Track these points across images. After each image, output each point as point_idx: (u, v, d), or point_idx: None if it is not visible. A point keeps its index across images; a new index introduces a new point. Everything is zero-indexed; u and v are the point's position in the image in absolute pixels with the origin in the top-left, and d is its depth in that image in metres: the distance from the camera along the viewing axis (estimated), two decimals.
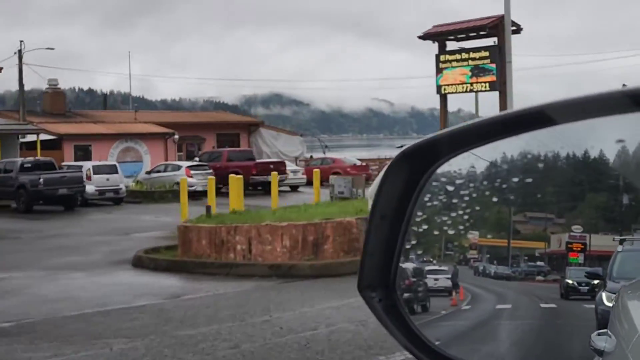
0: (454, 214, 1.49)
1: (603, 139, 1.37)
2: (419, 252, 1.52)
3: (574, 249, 1.46)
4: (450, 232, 1.50)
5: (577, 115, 1.31)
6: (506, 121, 1.41)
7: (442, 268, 1.52)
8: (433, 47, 33.52)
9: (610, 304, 1.40)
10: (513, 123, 1.39)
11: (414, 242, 1.50)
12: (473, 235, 1.46)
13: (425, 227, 1.51)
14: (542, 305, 1.48)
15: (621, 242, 1.38)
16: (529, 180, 1.44)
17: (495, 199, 1.48)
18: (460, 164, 1.48)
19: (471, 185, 1.49)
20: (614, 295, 1.40)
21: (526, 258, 1.49)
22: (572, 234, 1.45)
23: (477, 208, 1.49)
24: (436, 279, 1.52)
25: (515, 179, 1.45)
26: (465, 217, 1.48)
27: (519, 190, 1.47)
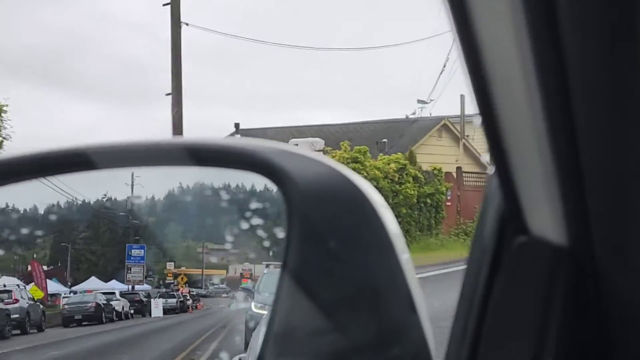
0: None
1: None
2: None
3: (245, 276, 2.30)
4: None
5: (125, 162, 1.21)
6: (39, 160, 1.25)
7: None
8: None
9: (257, 310, 2.26)
10: (48, 163, 1.25)
11: None
12: (170, 265, 2.16)
13: None
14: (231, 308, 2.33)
15: (267, 266, 2.21)
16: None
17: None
18: None
19: None
20: (260, 304, 2.26)
21: (212, 282, 2.30)
22: (244, 268, 2.28)
23: None
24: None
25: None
26: None
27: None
